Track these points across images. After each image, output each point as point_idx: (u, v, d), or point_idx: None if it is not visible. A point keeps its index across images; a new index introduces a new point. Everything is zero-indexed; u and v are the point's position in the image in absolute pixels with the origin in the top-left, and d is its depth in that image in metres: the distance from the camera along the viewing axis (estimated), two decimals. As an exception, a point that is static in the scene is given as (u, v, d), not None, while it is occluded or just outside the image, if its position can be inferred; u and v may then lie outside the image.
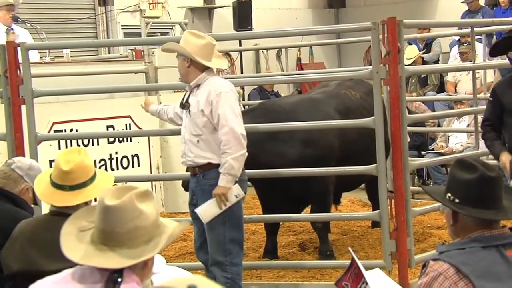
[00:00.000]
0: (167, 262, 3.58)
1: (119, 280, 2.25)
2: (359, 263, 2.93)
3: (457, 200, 2.76)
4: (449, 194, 2.79)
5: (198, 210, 4.75)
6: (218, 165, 4.74)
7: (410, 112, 9.19)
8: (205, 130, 4.76)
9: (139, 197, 2.32)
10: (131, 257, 2.25)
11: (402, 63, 5.31)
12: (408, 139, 8.99)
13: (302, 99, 6.44)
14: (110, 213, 2.27)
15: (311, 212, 6.13)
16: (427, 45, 11.22)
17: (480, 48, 8.65)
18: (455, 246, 2.74)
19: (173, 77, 7.28)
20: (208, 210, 4.72)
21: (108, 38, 11.44)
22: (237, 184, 4.75)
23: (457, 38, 10.51)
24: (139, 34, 11.02)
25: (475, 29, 7.06)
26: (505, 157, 4.95)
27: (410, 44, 10.58)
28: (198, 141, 4.80)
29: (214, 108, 4.72)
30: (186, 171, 5.28)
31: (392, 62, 5.19)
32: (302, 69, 12.92)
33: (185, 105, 4.86)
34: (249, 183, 5.08)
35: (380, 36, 5.21)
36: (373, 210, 6.32)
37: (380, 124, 5.25)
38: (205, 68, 4.82)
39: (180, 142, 4.97)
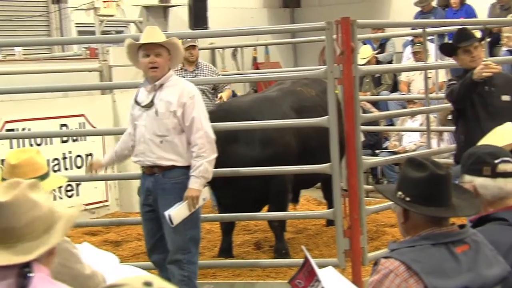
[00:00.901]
0: (121, 262, 3.57)
1: (30, 274, 2.23)
2: (312, 261, 2.95)
3: (407, 198, 2.80)
4: (400, 193, 2.83)
5: (169, 213, 4.69)
6: (181, 167, 4.72)
7: (364, 112, 9.31)
8: (173, 132, 4.73)
9: (30, 188, 2.30)
10: (34, 248, 2.23)
11: (356, 62, 5.37)
12: (363, 138, 9.16)
13: (258, 98, 6.45)
14: (4, 209, 2.24)
15: (268, 210, 6.17)
16: (381, 45, 11.34)
17: (432, 48, 8.77)
18: (405, 243, 2.78)
19: (128, 76, 7.24)
20: (179, 213, 4.70)
21: (61, 36, 11.29)
22: (206, 187, 4.77)
23: (410, 38, 10.65)
24: (93, 32, 10.90)
25: (428, 29, 7.17)
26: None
27: (364, 44, 10.68)
28: (161, 141, 4.75)
29: (187, 111, 4.70)
30: None
31: (346, 62, 5.25)
32: (258, 68, 12.93)
33: (149, 105, 4.80)
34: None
35: (334, 36, 5.26)
36: (328, 209, 6.38)
37: (334, 123, 5.29)
38: (169, 68, 4.82)
39: (137, 141, 4.88)
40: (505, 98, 5.43)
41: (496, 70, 5.21)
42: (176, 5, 12.63)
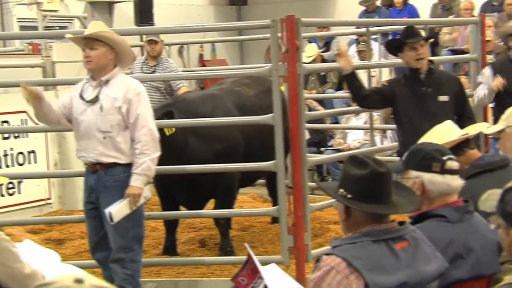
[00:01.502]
0: (64, 260, 3.52)
1: None
2: (255, 258, 2.96)
3: (349, 196, 2.83)
4: (341, 190, 2.86)
5: (110, 211, 4.63)
6: (123, 164, 4.68)
7: (310, 110, 9.38)
8: (116, 128, 4.67)
9: None
10: None
11: (300, 61, 5.39)
12: (308, 136, 9.23)
13: (205, 96, 6.42)
14: None
15: (214, 208, 6.17)
16: (327, 44, 11.43)
17: (376, 47, 8.89)
18: (347, 240, 2.81)
19: (71, 72, 7.15)
20: (119, 211, 4.65)
21: (3, 31, 11.08)
22: (148, 185, 4.73)
23: (355, 37, 10.77)
24: (36, 28, 10.72)
25: (371, 28, 7.26)
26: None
27: (310, 42, 10.76)
28: (104, 138, 4.69)
29: (132, 107, 4.65)
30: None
31: (291, 60, 5.27)
32: (204, 66, 12.91)
33: (93, 100, 4.74)
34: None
35: (279, 34, 5.28)
36: (273, 206, 6.40)
37: (279, 121, 5.32)
38: (115, 63, 4.77)
39: (80, 136, 4.81)
40: (442, 98, 5.52)
41: None
42: (121, 1, 12.52)
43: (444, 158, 3.14)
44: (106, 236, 4.78)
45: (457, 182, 3.16)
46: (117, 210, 4.62)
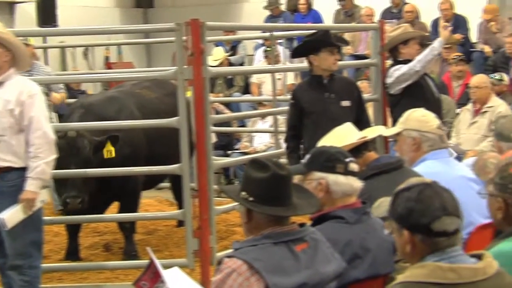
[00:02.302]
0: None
1: None
2: (157, 262, 2.96)
3: (251, 198, 2.87)
4: (243, 193, 2.90)
5: (2, 216, 4.49)
6: (18, 168, 4.57)
7: (217, 113, 9.42)
8: (9, 131, 4.55)
9: None
10: None
11: (206, 64, 5.41)
12: (215, 139, 9.25)
13: (108, 98, 6.33)
14: None
15: (119, 212, 6.11)
16: (233, 48, 11.51)
17: (282, 52, 9.01)
18: (248, 243, 2.85)
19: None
20: (13, 217, 4.52)
21: None
22: (44, 189, 4.63)
23: (261, 41, 10.89)
24: None
25: (276, 33, 7.35)
26: None
27: (217, 46, 10.80)
28: None
29: (26, 109, 4.53)
30: None
31: (196, 63, 5.28)
32: (110, 68, 12.76)
33: None
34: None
35: (184, 38, 5.28)
36: (178, 210, 6.40)
37: (184, 124, 5.32)
38: (11, 65, 4.64)
39: None
40: (345, 103, 5.63)
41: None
42: (23, 1, 12.21)
43: (347, 160, 3.24)
44: (3, 242, 4.66)
45: (357, 183, 3.26)
46: (10, 215, 4.50)
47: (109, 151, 5.54)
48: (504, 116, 4.50)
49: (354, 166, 3.26)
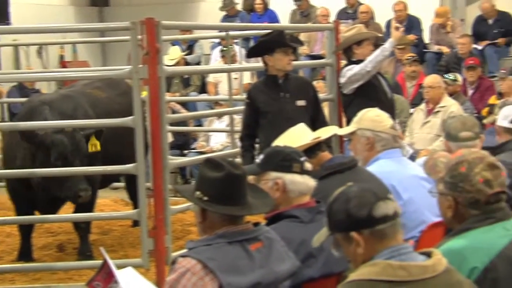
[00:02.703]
0: None
1: None
2: (111, 262, 2.94)
3: (205, 198, 2.88)
4: (198, 192, 2.90)
5: None
6: None
7: (174, 112, 9.38)
8: None
9: None
10: None
11: (161, 63, 5.39)
12: (171, 139, 9.22)
13: (64, 97, 6.27)
14: None
15: (74, 212, 6.05)
16: (190, 47, 11.48)
17: (238, 51, 9.01)
18: (202, 242, 2.85)
19: None
20: None
21: None
22: None
23: (218, 40, 10.88)
24: None
25: (232, 33, 7.35)
26: None
27: (173, 45, 10.76)
28: None
29: None
30: None
31: (151, 63, 5.24)
32: (65, 67, 12.61)
33: None
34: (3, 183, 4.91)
35: (140, 36, 5.25)
36: (134, 209, 6.36)
37: (140, 123, 5.29)
38: None
39: None
40: (300, 103, 5.66)
41: None
42: (-25, -1, 12.01)
43: (302, 159, 3.27)
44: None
45: (312, 182, 3.29)
46: None
47: (94, 145, 5.55)
48: (452, 117, 4.56)
49: (308, 166, 3.31)
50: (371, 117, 4.27)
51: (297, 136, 3.86)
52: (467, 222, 2.69)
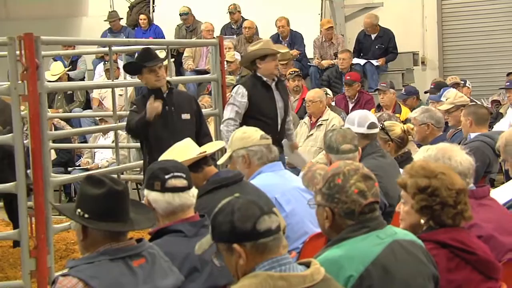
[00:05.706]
0: None
1: None
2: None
3: (86, 215, 2.84)
4: (78, 210, 2.86)
5: None
6: None
7: (57, 129, 9.16)
8: None
9: None
10: None
11: (41, 79, 5.27)
12: (54, 156, 9.00)
13: None
14: None
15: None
16: (73, 62, 11.27)
17: (121, 67, 8.93)
18: (84, 260, 2.81)
19: None
20: None
21: None
22: None
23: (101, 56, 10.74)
24: None
25: (116, 48, 7.29)
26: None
27: (55, 60, 10.54)
28: None
29: None
30: None
31: (31, 79, 5.12)
32: None
33: None
34: None
35: (18, 52, 5.12)
36: (14, 229, 6.16)
37: (20, 141, 5.15)
38: None
39: None
40: (185, 116, 5.70)
41: (158, 108, 5.45)
42: None
43: (167, 176, 3.21)
44: None
45: (180, 199, 3.23)
46: None
47: None
48: (332, 130, 4.69)
49: (176, 182, 3.21)
50: (239, 136, 4.40)
51: (184, 150, 3.87)
52: (344, 232, 2.77)
